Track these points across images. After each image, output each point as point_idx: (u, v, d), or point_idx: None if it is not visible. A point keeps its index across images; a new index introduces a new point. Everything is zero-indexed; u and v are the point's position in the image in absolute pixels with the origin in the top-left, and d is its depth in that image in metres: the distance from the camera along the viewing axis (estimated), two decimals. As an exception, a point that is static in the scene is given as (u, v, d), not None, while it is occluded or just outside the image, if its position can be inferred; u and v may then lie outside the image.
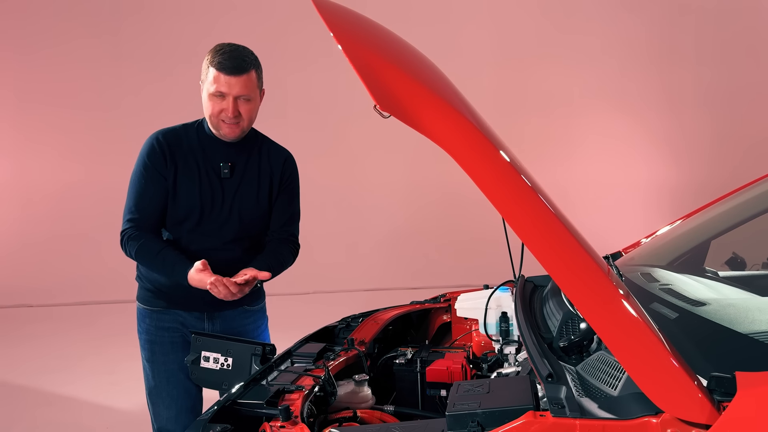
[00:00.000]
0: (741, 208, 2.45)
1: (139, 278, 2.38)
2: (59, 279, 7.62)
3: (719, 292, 1.77)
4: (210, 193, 2.23)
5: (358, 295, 7.26)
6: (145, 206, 2.21)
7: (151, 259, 2.20)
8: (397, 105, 1.13)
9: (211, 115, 2.17)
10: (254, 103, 2.19)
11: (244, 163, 2.28)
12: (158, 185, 2.20)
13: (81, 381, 4.67)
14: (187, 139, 2.24)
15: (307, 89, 7.83)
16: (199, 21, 7.95)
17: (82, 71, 7.94)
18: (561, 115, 8.26)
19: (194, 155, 2.22)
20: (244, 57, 2.13)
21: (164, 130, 2.26)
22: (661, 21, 8.45)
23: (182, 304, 2.30)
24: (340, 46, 1.16)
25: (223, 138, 2.22)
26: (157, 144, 2.21)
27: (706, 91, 8.45)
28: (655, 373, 1.08)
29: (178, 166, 2.20)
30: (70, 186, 7.93)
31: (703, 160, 8.44)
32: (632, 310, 1.11)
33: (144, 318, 2.35)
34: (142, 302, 2.36)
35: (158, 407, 2.37)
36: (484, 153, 1.17)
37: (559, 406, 1.17)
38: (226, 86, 2.10)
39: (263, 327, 2.51)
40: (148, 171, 2.20)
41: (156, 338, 2.33)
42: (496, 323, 2.14)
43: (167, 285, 2.27)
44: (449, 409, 1.25)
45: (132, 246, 2.19)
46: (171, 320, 2.32)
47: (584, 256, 1.12)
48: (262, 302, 2.50)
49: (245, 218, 2.29)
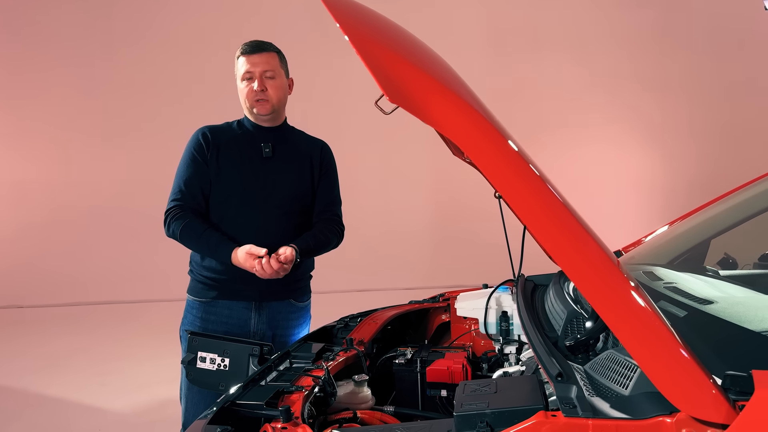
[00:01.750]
0: (741, 207, 2.44)
1: (191, 271, 2.48)
2: (46, 280, 7.55)
3: (723, 290, 1.75)
4: (252, 171, 2.40)
5: (354, 296, 7.23)
6: (189, 189, 2.39)
7: (196, 237, 2.33)
8: (407, 96, 1.11)
9: (246, 98, 2.40)
10: (279, 81, 2.41)
11: (283, 146, 2.47)
12: (202, 172, 2.39)
13: (70, 382, 4.62)
14: (230, 131, 2.46)
15: (304, 88, 7.81)
16: (191, 21, 7.92)
17: (71, 70, 7.87)
18: (551, 112, 8.26)
19: (237, 142, 2.43)
20: (264, 41, 2.43)
21: (208, 126, 2.48)
22: (653, 17, 8.45)
23: (232, 292, 2.40)
24: (347, 38, 1.13)
25: (259, 119, 2.44)
26: (201, 136, 2.42)
27: (696, 86, 8.46)
28: (671, 370, 1.05)
29: (220, 151, 2.39)
30: (58, 186, 7.85)
31: (695, 158, 8.46)
32: (648, 307, 1.08)
33: (191, 309, 2.45)
34: (193, 294, 2.46)
35: (188, 402, 2.38)
36: (493, 143, 1.15)
37: (571, 405, 1.15)
38: (252, 65, 2.36)
39: (305, 325, 2.58)
40: (193, 161, 2.40)
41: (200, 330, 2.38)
42: (496, 323, 2.12)
43: (220, 274, 2.38)
44: (457, 409, 1.22)
45: (177, 225, 2.33)
46: (217, 312, 2.41)
47: (599, 252, 1.10)
48: (308, 300, 2.59)
49: (287, 194, 2.43)
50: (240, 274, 2.31)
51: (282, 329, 2.45)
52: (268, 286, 2.34)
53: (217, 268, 2.38)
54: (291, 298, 2.47)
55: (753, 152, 8.04)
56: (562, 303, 1.73)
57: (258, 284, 2.31)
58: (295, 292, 2.48)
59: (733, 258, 2.47)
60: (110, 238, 7.81)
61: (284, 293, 2.43)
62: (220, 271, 2.37)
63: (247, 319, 2.40)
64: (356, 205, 8.26)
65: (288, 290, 2.45)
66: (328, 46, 7.36)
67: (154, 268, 7.46)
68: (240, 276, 2.31)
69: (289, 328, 2.48)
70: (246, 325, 2.40)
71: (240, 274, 2.31)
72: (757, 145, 8.18)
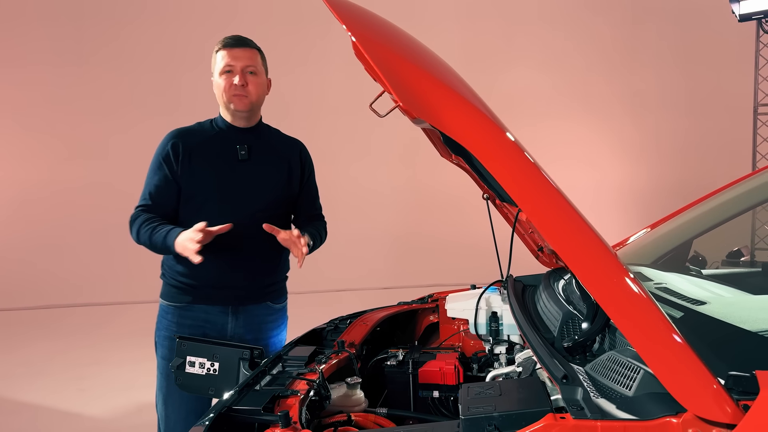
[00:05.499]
0: (718, 210, 2.49)
1: (163, 275, 2.40)
2: (20, 283, 7.39)
3: (711, 291, 1.79)
4: (228, 175, 2.30)
5: (340, 296, 7.23)
6: (156, 197, 2.29)
7: (148, 234, 2.20)
8: (421, 104, 1.12)
9: (223, 92, 2.29)
10: (260, 78, 2.33)
11: (260, 147, 2.38)
12: (168, 183, 2.29)
13: (46, 387, 4.52)
14: (202, 133, 2.35)
15: (297, 91, 7.77)
16: (174, 23, 7.84)
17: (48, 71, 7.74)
18: (527, 118, 8.35)
19: (210, 145, 2.32)
20: (245, 37, 2.34)
21: (178, 129, 2.36)
22: (626, 25, 8.61)
23: (207, 297, 2.32)
24: (360, 45, 1.13)
25: (236, 118, 2.34)
26: (170, 145, 2.30)
27: (669, 92, 8.65)
28: (679, 371, 1.07)
29: (193, 156, 2.29)
30: (30, 189, 7.70)
31: (667, 161, 8.64)
32: (655, 309, 1.10)
33: (166, 314, 2.36)
34: (166, 299, 2.37)
35: (168, 408, 2.33)
36: (499, 142, 1.17)
37: (578, 407, 1.16)
38: (233, 59, 2.27)
39: (283, 326, 2.53)
40: (160, 169, 2.30)
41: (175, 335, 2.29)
42: (486, 323, 2.13)
43: (195, 279, 2.30)
44: (464, 412, 1.23)
45: (137, 224, 2.25)
46: (192, 317, 2.33)
47: (606, 252, 1.11)
48: (285, 301, 2.53)
49: (266, 198, 2.35)
50: (215, 278, 2.27)
51: (260, 332, 2.40)
52: (245, 290, 2.31)
53: (191, 273, 2.29)
54: (268, 301, 2.42)
55: (717, 159, 8.26)
56: (555, 304, 1.74)
57: (234, 289, 2.29)
58: (271, 295, 2.43)
59: (703, 256, 2.52)
60: (85, 239, 7.68)
61: (261, 296, 2.39)
62: (194, 276, 2.30)
63: (224, 324, 2.34)
64: (342, 208, 8.30)
65: (265, 293, 2.41)
66: (303, 45, 7.34)
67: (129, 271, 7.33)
68: (216, 280, 2.28)
69: (267, 330, 2.43)
70: (223, 329, 2.34)
71: (215, 278, 2.27)
72: (722, 152, 8.40)
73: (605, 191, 8.63)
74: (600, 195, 8.56)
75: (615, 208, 8.53)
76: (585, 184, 8.41)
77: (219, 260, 2.26)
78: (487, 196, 2.24)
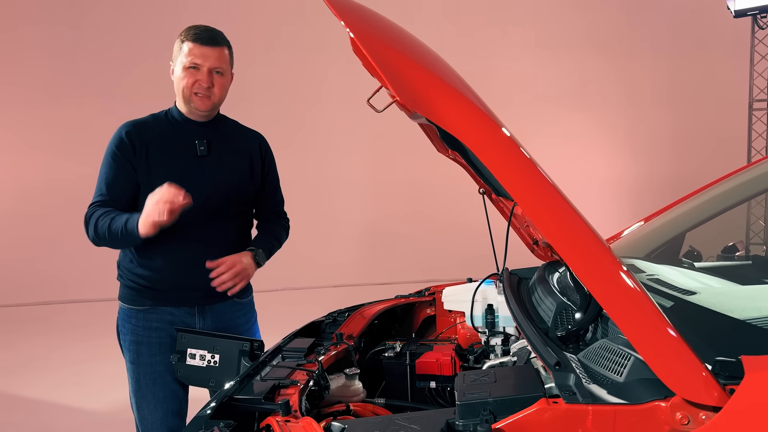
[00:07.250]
0: (715, 201, 2.52)
1: (121, 276, 2.30)
2: (19, 279, 7.40)
3: (702, 282, 1.83)
4: (188, 171, 2.20)
5: (335, 291, 7.24)
6: (112, 192, 2.19)
7: (107, 223, 2.09)
8: (420, 100, 1.15)
9: (184, 88, 2.17)
10: (226, 78, 2.22)
11: (220, 141, 2.29)
12: (126, 174, 2.18)
13: (46, 382, 4.55)
14: (158, 127, 2.24)
15: (275, 80, 7.76)
16: (162, 13, 7.82)
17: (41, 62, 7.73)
18: (518, 110, 8.37)
19: (166, 139, 2.22)
20: (218, 33, 2.21)
21: (132, 121, 2.24)
22: (621, 19, 8.63)
23: (171, 300, 2.24)
24: (358, 42, 1.16)
25: (194, 113, 2.24)
26: (125, 135, 2.19)
27: (663, 87, 8.68)
28: (667, 356, 1.10)
29: (149, 153, 2.18)
30: (27, 185, 7.70)
31: (662, 155, 8.68)
32: (645, 297, 1.14)
33: (129, 318, 2.27)
34: (126, 302, 2.29)
35: (143, 410, 2.28)
36: (495, 137, 1.20)
37: (570, 393, 1.20)
38: (201, 57, 2.14)
39: (253, 320, 2.48)
40: (116, 161, 2.18)
41: (142, 339, 2.25)
42: (482, 315, 2.17)
43: (155, 280, 2.22)
44: (459, 398, 1.26)
45: (93, 219, 2.14)
46: (158, 319, 2.25)
47: (598, 244, 1.15)
48: (251, 295, 2.48)
49: (229, 193, 2.28)
50: (177, 280, 2.20)
51: (230, 329, 2.29)
52: (210, 290, 2.20)
53: (151, 275, 2.21)
54: (235, 298, 2.33)
55: (712, 155, 8.29)
56: (550, 295, 1.78)
57: (197, 290, 2.21)
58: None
59: (698, 251, 2.55)
60: (84, 236, 7.67)
61: (226, 294, 2.24)
62: (155, 278, 2.22)
63: (191, 325, 2.26)
64: (336, 202, 8.32)
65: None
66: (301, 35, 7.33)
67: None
68: (177, 282, 2.21)
69: (237, 326, 2.37)
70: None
71: (177, 280, 2.20)
72: (717, 148, 8.44)
73: (600, 185, 8.67)
74: (594, 188, 8.59)
75: (609, 202, 8.57)
76: (580, 177, 8.44)
77: (181, 260, 2.21)
78: (483, 190, 2.27)
